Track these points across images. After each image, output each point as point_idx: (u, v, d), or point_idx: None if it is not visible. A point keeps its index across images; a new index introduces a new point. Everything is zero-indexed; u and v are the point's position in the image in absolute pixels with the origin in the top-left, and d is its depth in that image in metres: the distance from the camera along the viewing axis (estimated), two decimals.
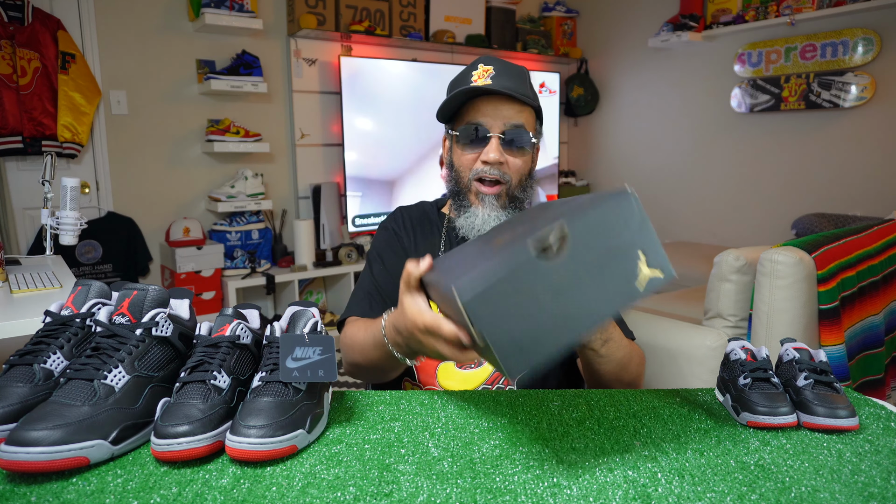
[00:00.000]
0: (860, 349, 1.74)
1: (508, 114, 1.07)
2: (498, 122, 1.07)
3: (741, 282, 1.66)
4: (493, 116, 1.07)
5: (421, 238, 1.20)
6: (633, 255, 0.63)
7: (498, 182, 1.08)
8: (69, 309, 0.76)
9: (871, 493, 0.61)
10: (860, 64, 3.26)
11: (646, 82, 4.34)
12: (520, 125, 1.07)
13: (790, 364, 0.84)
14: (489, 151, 1.06)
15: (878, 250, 1.89)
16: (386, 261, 1.18)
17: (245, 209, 3.30)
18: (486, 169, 1.07)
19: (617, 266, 0.62)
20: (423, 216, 1.23)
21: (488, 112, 1.07)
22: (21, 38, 2.72)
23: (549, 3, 4.61)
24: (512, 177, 1.08)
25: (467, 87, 1.05)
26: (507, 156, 1.08)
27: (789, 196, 3.63)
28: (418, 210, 1.25)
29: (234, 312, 0.78)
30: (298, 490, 0.59)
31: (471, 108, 1.09)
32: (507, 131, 1.07)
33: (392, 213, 1.26)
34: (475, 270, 0.61)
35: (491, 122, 1.07)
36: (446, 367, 1.07)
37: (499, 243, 0.71)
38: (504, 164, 1.07)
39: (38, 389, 0.67)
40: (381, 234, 1.23)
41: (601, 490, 0.60)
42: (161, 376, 0.70)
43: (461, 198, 1.11)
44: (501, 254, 0.63)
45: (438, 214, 1.23)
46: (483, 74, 1.07)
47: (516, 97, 1.05)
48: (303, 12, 3.39)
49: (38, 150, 2.80)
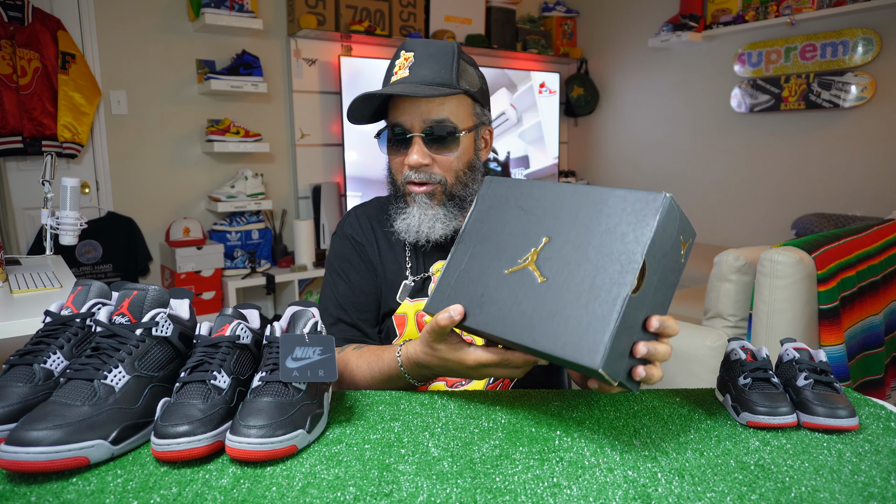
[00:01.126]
0: (860, 349, 1.74)
1: (428, 108, 0.97)
2: (417, 121, 0.98)
3: (741, 282, 1.66)
4: (411, 114, 0.98)
5: (384, 243, 1.11)
6: (678, 242, 0.70)
7: (426, 183, 1.01)
8: (69, 309, 0.76)
9: (870, 493, 0.61)
10: (860, 64, 3.26)
11: (646, 82, 4.34)
12: (442, 119, 0.98)
13: (790, 364, 0.84)
14: (411, 154, 0.98)
15: (878, 250, 1.89)
16: (351, 277, 1.09)
17: (245, 209, 3.30)
18: (412, 174, 1.00)
19: (672, 258, 0.70)
20: (382, 215, 1.13)
21: (406, 109, 0.98)
22: (21, 38, 2.72)
23: (549, 3, 4.61)
24: (444, 175, 1.01)
25: (368, 93, 0.97)
26: (433, 155, 0.99)
27: (789, 196, 3.63)
28: (374, 208, 1.15)
29: (234, 312, 0.78)
30: (298, 490, 0.59)
31: (391, 105, 1.01)
32: (428, 129, 0.98)
33: (347, 218, 1.15)
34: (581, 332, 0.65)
35: (410, 121, 0.98)
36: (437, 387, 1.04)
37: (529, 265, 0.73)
38: (431, 165, 1.00)
39: (38, 389, 0.67)
40: (341, 243, 1.12)
41: (601, 490, 0.60)
42: (161, 376, 0.70)
43: (398, 200, 1.05)
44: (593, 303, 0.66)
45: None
46: (403, 65, 0.99)
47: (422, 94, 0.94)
48: (303, 12, 3.39)
49: (38, 150, 2.80)
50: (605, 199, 0.71)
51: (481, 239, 0.80)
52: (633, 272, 0.64)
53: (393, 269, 1.09)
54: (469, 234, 0.82)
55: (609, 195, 0.71)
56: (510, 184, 0.82)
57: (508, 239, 0.77)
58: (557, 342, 0.66)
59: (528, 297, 0.71)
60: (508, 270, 0.75)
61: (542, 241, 0.74)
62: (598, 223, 0.70)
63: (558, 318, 0.67)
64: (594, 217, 0.71)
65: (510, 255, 0.76)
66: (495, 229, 0.79)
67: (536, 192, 0.78)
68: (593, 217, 0.71)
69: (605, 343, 0.63)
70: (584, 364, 0.63)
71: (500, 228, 0.79)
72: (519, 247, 0.75)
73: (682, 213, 0.69)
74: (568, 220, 0.73)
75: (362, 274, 1.09)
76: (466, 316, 0.76)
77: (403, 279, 1.08)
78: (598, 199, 0.71)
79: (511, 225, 0.78)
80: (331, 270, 1.12)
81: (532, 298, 0.71)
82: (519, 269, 0.74)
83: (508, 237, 0.77)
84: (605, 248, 0.68)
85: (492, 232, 0.80)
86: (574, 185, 0.75)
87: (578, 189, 0.74)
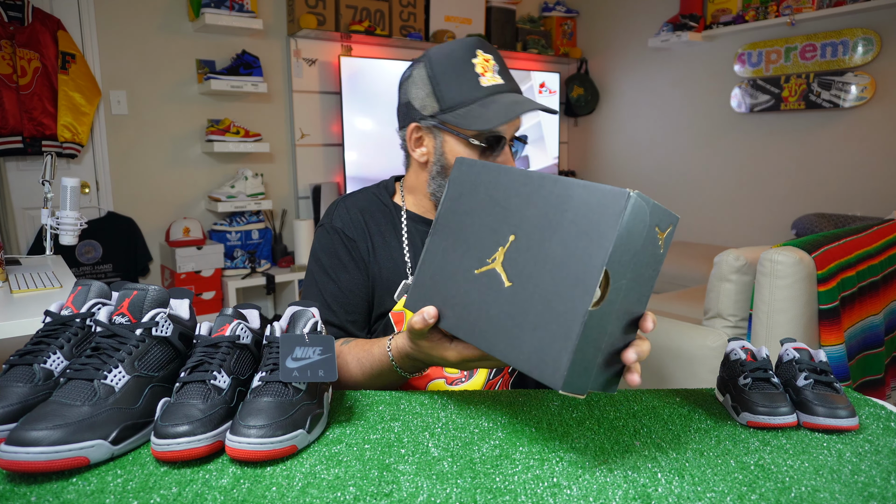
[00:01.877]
0: (860, 349, 1.74)
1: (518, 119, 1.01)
2: (511, 129, 1.01)
3: (741, 282, 1.66)
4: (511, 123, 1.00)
5: (378, 239, 1.07)
6: (653, 235, 0.63)
7: None
8: (69, 309, 0.76)
9: (870, 493, 0.61)
10: (860, 64, 3.26)
11: (646, 82, 4.34)
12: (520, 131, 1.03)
13: (790, 364, 0.84)
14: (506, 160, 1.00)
15: (878, 250, 1.89)
16: (340, 277, 1.04)
17: (245, 209, 3.30)
18: None
19: (647, 253, 0.63)
20: (375, 208, 1.09)
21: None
22: (21, 38, 2.72)
23: (549, 3, 4.61)
24: None
25: (507, 94, 0.98)
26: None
27: (789, 196, 3.63)
28: (366, 200, 1.10)
29: (234, 312, 0.78)
30: (298, 490, 0.59)
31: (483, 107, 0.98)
32: (514, 137, 1.03)
33: (336, 209, 1.09)
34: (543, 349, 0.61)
35: (507, 129, 1.00)
36: (436, 386, 1.03)
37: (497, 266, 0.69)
38: None
39: (38, 389, 0.67)
40: (330, 238, 1.06)
41: (601, 490, 0.60)
42: (161, 376, 0.70)
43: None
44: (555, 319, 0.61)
45: (393, 206, 1.10)
46: (486, 66, 0.99)
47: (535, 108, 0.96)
48: (303, 12, 3.39)
49: (38, 150, 2.80)
50: (569, 193, 0.64)
51: (453, 231, 0.76)
52: (593, 286, 0.59)
53: (388, 266, 1.05)
54: (443, 225, 0.78)
55: (573, 189, 0.63)
56: (480, 168, 0.76)
57: (478, 233, 0.73)
58: (521, 356, 0.64)
59: (496, 302, 0.68)
60: (478, 270, 0.71)
61: (508, 239, 0.69)
62: (561, 220, 0.64)
63: (523, 330, 0.64)
64: (558, 213, 0.64)
65: (479, 254, 0.72)
66: (465, 222, 0.75)
67: (504, 179, 0.72)
68: (557, 213, 0.64)
69: (564, 363, 0.59)
70: (546, 383, 0.61)
71: (470, 221, 0.74)
72: (487, 244, 0.71)
73: (654, 205, 0.62)
74: (534, 216, 0.67)
75: (352, 273, 1.04)
76: (441, 317, 0.74)
77: (401, 277, 1.05)
78: (563, 194, 0.64)
79: (481, 217, 0.73)
80: (318, 266, 1.06)
81: (499, 304, 0.67)
82: (487, 270, 0.70)
83: (478, 231, 0.73)
84: (569, 248, 0.62)
85: (462, 224, 0.75)
86: (542, 175, 0.68)
87: (545, 180, 0.67)
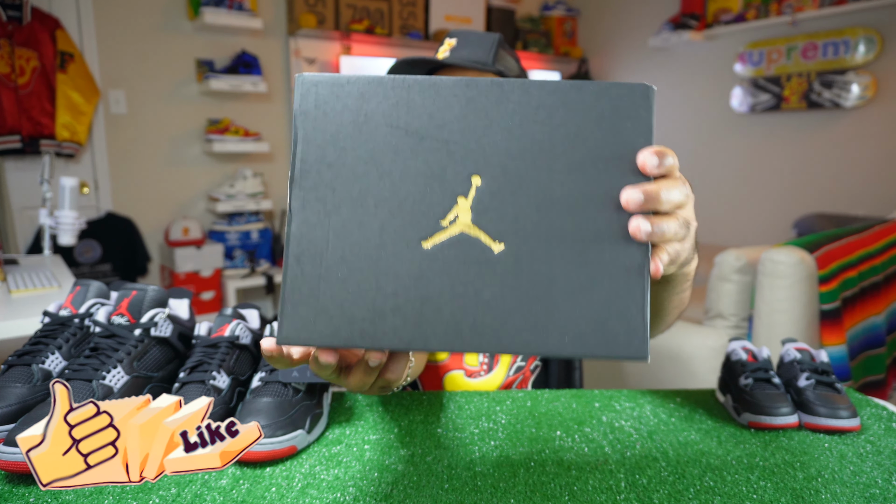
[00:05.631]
0: (862, 349, 1.74)
1: None
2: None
3: (742, 282, 1.66)
4: None
5: None
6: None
7: None
8: (68, 309, 0.76)
9: (872, 494, 0.61)
10: (862, 63, 3.26)
11: (646, 81, 4.34)
12: None
13: (791, 364, 0.84)
14: None
15: (880, 250, 1.89)
16: None
17: (244, 209, 3.29)
18: None
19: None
20: None
21: None
22: (19, 38, 2.72)
23: (550, 3, 4.60)
24: None
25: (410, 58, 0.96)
26: None
27: (790, 196, 3.63)
28: None
29: (234, 312, 0.77)
30: (298, 491, 0.59)
31: None
32: None
33: None
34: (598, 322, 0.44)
35: None
36: (453, 378, 1.01)
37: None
38: None
39: (37, 390, 0.67)
40: None
41: (601, 490, 0.60)
42: (160, 376, 0.70)
43: None
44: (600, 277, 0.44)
45: None
46: (445, 49, 1.01)
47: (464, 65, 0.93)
48: (302, 11, 3.39)
49: (37, 150, 2.80)
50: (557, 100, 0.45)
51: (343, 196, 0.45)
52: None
53: None
54: (312, 187, 0.46)
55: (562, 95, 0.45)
56: (356, 89, 0.45)
57: (398, 187, 0.45)
58: (558, 339, 0.44)
59: (485, 279, 0.44)
60: (427, 242, 0.44)
61: (471, 184, 0.45)
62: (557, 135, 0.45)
63: (552, 302, 0.44)
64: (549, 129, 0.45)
65: (416, 217, 0.45)
66: (361, 173, 0.45)
67: (419, 99, 0.45)
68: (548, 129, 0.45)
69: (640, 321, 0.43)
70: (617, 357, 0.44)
71: (369, 171, 0.45)
72: (425, 200, 0.45)
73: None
74: (504, 138, 0.45)
75: None
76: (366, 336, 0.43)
77: None
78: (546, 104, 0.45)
79: (395, 164, 0.45)
80: None
81: (492, 281, 0.44)
82: (449, 238, 0.44)
83: (397, 184, 0.45)
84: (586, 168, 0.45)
85: (357, 179, 0.45)
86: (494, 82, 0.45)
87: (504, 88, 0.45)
